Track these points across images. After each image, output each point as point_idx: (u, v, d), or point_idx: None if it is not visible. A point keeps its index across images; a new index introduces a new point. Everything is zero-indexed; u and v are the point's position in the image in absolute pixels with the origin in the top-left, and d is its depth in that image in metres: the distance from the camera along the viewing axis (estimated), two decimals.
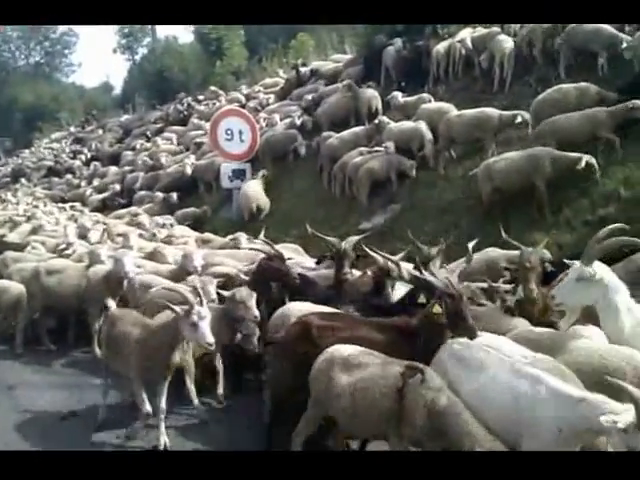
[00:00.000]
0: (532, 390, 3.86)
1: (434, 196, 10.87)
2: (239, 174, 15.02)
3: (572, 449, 3.67)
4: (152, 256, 9.51)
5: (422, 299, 5.52)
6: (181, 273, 8.05)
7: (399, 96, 13.49)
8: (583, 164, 8.34)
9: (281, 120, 16.76)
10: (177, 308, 5.19)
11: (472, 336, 4.53)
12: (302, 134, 15.40)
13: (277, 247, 9.64)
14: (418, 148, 11.56)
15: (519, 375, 4.01)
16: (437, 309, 4.73)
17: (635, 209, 7.95)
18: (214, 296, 6.82)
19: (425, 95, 13.08)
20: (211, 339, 5.11)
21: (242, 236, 10.48)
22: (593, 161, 8.38)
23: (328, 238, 7.64)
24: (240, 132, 15.18)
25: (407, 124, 12.00)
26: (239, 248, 10.05)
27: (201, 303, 5.21)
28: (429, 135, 11.37)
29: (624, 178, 8.47)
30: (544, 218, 8.69)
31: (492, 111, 10.63)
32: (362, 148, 12.58)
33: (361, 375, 4.39)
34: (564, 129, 9.11)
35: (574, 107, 9.40)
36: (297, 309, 5.98)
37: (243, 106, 20.24)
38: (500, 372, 4.13)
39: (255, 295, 6.43)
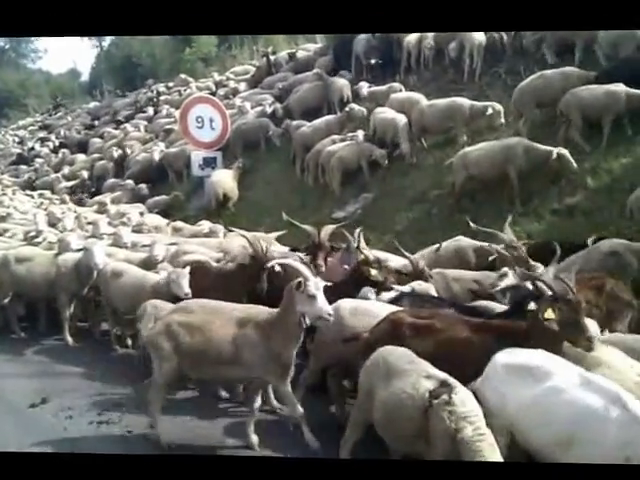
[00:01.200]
0: (604, 408, 3.36)
1: (406, 185, 10.97)
2: (210, 162, 14.88)
3: None
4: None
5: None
6: (150, 261, 8.12)
7: (364, 87, 13.64)
8: (554, 156, 8.46)
9: (252, 108, 16.69)
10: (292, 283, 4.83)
11: (589, 348, 4.14)
12: (273, 122, 15.38)
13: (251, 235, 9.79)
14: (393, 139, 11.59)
15: (589, 388, 3.53)
16: (549, 314, 4.27)
17: (601, 198, 8.17)
18: (187, 289, 6.75)
19: (396, 84, 13.18)
20: (330, 310, 4.76)
21: (220, 228, 10.42)
22: (564, 152, 8.48)
23: (304, 226, 7.54)
24: (211, 120, 15.02)
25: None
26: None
27: (315, 274, 4.91)
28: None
29: (591, 168, 8.67)
30: (514, 207, 8.83)
31: (463, 101, 10.77)
32: (335, 136, 12.62)
33: (395, 388, 3.92)
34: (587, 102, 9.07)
35: (557, 92, 9.52)
36: (349, 306, 5.53)
37: (213, 94, 20.08)
38: (565, 383, 3.64)
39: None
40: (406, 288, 6.09)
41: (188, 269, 6.97)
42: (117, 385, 6.73)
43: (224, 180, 13.72)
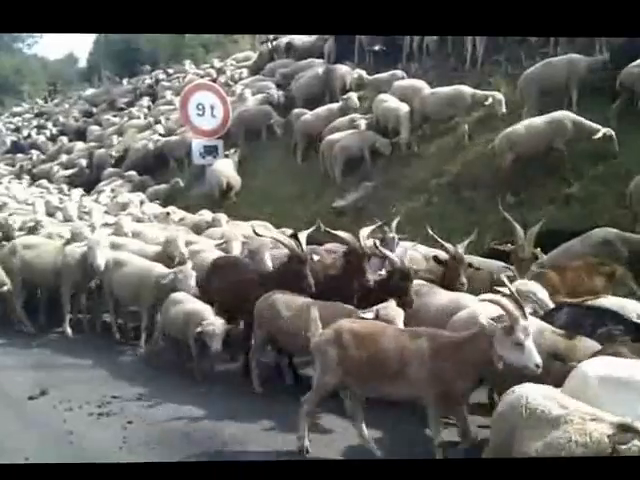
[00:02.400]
0: None
1: (407, 174, 10.94)
2: (211, 150, 14.82)
3: None
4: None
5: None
6: (164, 257, 7.89)
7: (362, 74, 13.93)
8: (600, 134, 8.27)
9: (253, 95, 16.61)
10: (492, 323, 4.16)
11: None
12: (274, 109, 15.32)
13: (247, 224, 9.73)
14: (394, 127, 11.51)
15: None
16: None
17: (598, 186, 8.17)
18: (194, 289, 6.90)
19: (398, 72, 13.14)
20: (540, 360, 3.99)
21: (222, 217, 10.27)
22: (612, 133, 8.28)
23: (340, 233, 6.42)
24: (212, 107, 14.92)
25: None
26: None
27: (524, 315, 4.10)
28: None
29: (587, 156, 8.64)
30: (562, 178, 8.65)
31: (466, 89, 10.72)
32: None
33: (554, 435, 3.22)
34: None
35: (563, 80, 9.49)
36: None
37: (215, 80, 19.98)
38: None
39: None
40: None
41: (191, 268, 7.11)
42: (118, 377, 6.74)
43: (228, 169, 13.70)
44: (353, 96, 12.85)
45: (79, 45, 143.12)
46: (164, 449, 5.03)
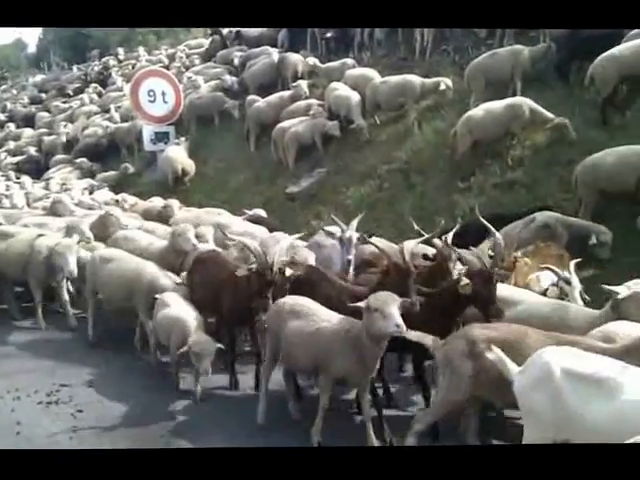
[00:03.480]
0: None
1: (359, 160, 11.11)
2: (162, 137, 14.73)
3: None
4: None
5: None
6: (171, 252, 7.21)
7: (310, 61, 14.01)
8: (554, 122, 8.48)
9: (206, 82, 16.51)
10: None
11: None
12: (228, 96, 15.29)
13: (201, 211, 9.73)
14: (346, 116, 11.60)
15: None
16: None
17: (539, 172, 8.46)
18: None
19: (349, 60, 13.27)
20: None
21: (175, 203, 10.08)
22: (566, 122, 8.46)
23: (382, 247, 5.39)
24: (163, 93, 14.82)
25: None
26: (170, 216, 9.50)
27: None
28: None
29: (531, 144, 8.92)
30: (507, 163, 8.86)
31: (415, 78, 10.97)
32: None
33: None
34: None
35: (508, 70, 9.79)
36: None
37: (166, 67, 19.75)
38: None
39: None
40: None
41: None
42: (67, 365, 6.64)
43: (182, 155, 13.66)
44: (302, 84, 12.99)
45: (28, 30, 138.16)
46: (115, 437, 5.03)
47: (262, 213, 9.43)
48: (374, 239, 5.93)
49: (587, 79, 8.68)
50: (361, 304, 4.27)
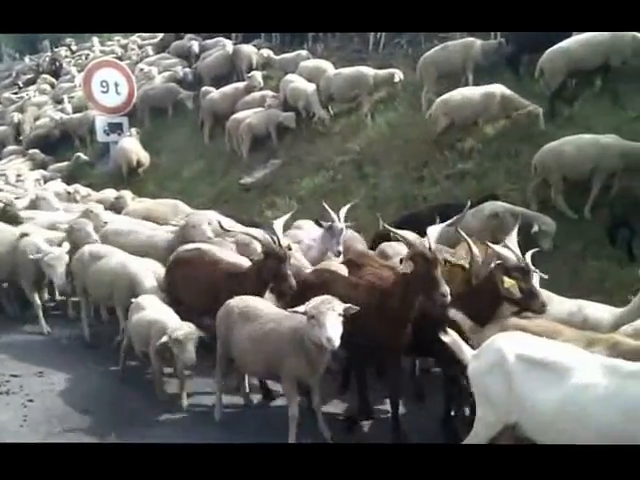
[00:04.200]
0: None
1: (312, 151, 11.17)
2: (116, 128, 14.56)
3: None
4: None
5: None
6: (181, 244, 6.57)
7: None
8: (528, 110, 8.54)
9: (160, 73, 16.37)
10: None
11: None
12: (182, 87, 15.18)
13: (157, 202, 9.68)
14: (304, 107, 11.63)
15: (621, 374, 3.14)
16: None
17: (489, 162, 8.68)
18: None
19: (303, 52, 13.32)
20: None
21: (127, 194, 10.03)
22: (539, 111, 8.49)
23: (403, 234, 4.63)
24: (116, 84, 14.66)
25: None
26: (123, 207, 9.38)
27: None
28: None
29: (481, 135, 9.15)
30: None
31: (368, 70, 11.05)
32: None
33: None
34: None
35: (460, 63, 9.96)
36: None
37: (120, 58, 19.48)
38: (593, 374, 3.21)
39: None
40: None
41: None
42: (17, 355, 6.56)
43: (137, 146, 13.51)
44: (257, 75, 12.99)
45: None
46: (66, 427, 5.00)
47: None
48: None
49: (537, 72, 8.88)
50: (300, 309, 4.22)
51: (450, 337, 3.82)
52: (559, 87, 8.68)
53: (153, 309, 5.57)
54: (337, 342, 4.01)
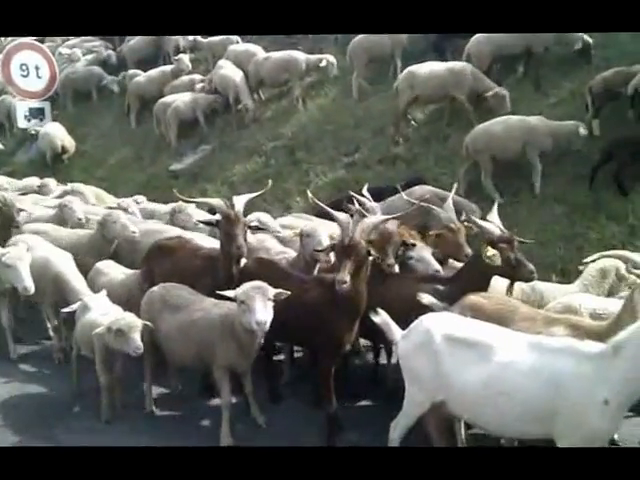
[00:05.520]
0: (569, 364, 3.14)
1: (244, 137, 11.05)
2: (37, 113, 13.98)
3: (619, 427, 3.26)
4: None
5: None
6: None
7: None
8: (493, 92, 8.48)
9: (83, 55, 15.76)
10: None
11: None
12: (107, 71, 14.68)
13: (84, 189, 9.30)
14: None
15: (545, 350, 3.26)
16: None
17: (418, 148, 8.82)
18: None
19: (232, 36, 13.07)
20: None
21: (52, 182, 9.65)
22: (505, 93, 8.45)
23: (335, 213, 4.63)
24: (37, 68, 14.06)
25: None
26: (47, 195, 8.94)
27: None
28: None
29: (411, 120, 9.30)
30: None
31: (299, 54, 10.99)
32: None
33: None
34: None
35: (388, 49, 10.08)
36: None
37: (41, 41, 18.63)
38: (518, 351, 3.32)
39: None
40: None
41: None
42: None
43: (62, 132, 13.00)
44: (184, 58, 12.68)
45: None
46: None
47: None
48: None
49: (464, 57, 9.07)
50: (229, 293, 4.22)
51: (380, 317, 3.86)
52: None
53: (100, 310, 4.99)
54: (267, 326, 4.03)
